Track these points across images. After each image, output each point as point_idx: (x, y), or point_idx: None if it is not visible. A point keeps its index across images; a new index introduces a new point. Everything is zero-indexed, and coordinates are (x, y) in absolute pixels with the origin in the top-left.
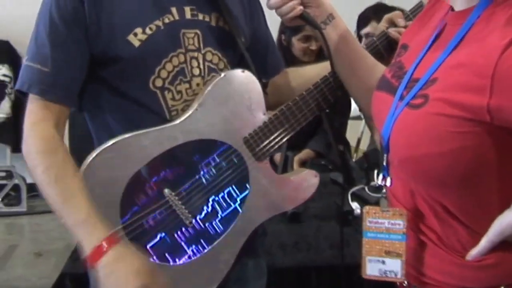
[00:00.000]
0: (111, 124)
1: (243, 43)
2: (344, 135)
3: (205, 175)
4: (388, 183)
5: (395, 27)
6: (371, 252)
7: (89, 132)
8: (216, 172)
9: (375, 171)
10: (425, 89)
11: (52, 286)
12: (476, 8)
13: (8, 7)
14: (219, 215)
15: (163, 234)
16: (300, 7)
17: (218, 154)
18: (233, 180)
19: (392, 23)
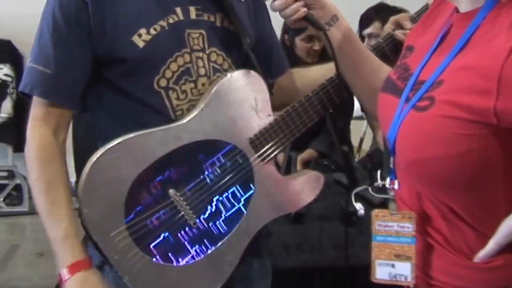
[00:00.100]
0: (115, 124)
1: (248, 43)
2: (347, 136)
3: (210, 175)
4: (396, 186)
5: (402, 29)
6: (381, 256)
7: (93, 131)
8: (221, 172)
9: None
10: (431, 91)
11: (55, 287)
12: (481, 9)
13: (9, 7)
14: (223, 215)
15: (167, 233)
16: (304, 9)
17: (223, 155)
18: (238, 181)
19: (398, 25)
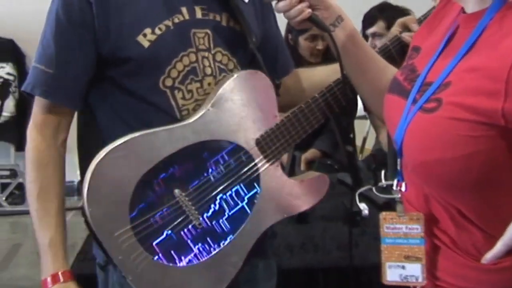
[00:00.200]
0: (120, 123)
1: (254, 43)
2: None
3: (215, 175)
4: (403, 188)
5: (409, 31)
6: (391, 258)
7: (98, 130)
8: (226, 173)
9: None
10: (439, 93)
11: None
12: (488, 10)
13: (12, 6)
14: (226, 214)
15: (171, 233)
16: (309, 10)
17: (229, 154)
18: (244, 182)
19: (405, 27)
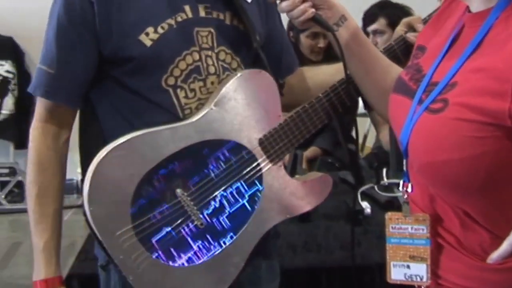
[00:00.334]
0: (122, 122)
1: (258, 42)
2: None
3: (217, 174)
4: (409, 189)
5: (414, 31)
6: (396, 258)
7: (100, 129)
8: (229, 172)
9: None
10: (445, 93)
11: None
12: (494, 9)
13: (11, 3)
14: (227, 212)
15: (170, 229)
16: (312, 9)
17: (232, 154)
18: (246, 182)
19: (410, 27)
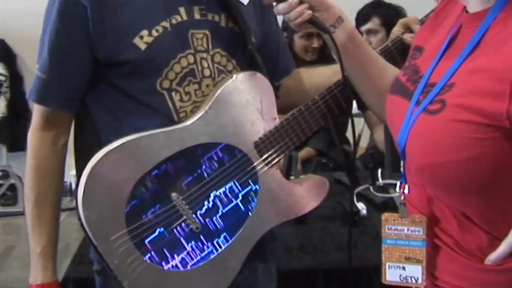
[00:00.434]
0: (118, 124)
1: (254, 44)
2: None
3: (213, 178)
4: (406, 191)
5: (411, 32)
6: (391, 259)
7: (94, 132)
8: (224, 175)
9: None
10: (442, 94)
11: None
12: (492, 10)
13: (3, 6)
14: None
15: (163, 229)
16: (309, 11)
17: (227, 157)
18: (242, 185)
19: (407, 28)
